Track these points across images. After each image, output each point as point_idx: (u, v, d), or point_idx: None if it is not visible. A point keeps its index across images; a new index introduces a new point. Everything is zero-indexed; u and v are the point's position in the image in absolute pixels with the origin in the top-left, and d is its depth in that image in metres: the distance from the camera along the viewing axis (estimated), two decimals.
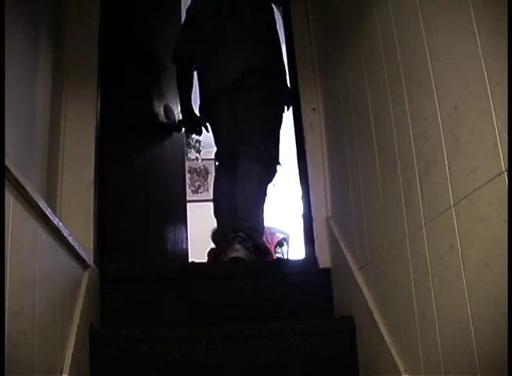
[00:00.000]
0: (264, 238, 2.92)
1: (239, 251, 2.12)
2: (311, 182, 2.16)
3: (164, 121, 2.82)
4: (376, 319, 1.50)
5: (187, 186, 3.42)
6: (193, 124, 2.76)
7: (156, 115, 2.78)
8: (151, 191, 2.62)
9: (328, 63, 2.12)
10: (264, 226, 2.42)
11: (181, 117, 2.87)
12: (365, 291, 1.62)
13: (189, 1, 2.86)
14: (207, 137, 2.99)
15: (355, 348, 1.69)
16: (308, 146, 2.20)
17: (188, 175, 5.66)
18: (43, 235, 1.21)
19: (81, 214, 1.98)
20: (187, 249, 2.83)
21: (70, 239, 1.41)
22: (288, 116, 2.49)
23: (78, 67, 2.15)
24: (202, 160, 6.15)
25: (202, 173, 6.56)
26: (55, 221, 1.27)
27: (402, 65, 1.30)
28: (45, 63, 1.90)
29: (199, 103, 2.61)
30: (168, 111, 2.85)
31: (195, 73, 2.69)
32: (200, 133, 2.85)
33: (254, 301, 1.96)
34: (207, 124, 2.70)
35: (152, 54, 2.84)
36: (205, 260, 3.68)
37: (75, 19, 2.20)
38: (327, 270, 2.03)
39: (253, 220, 2.24)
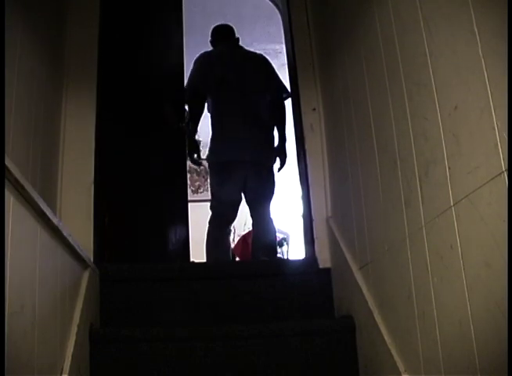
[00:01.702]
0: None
1: None
2: (311, 182, 2.16)
3: (165, 120, 2.82)
4: (376, 319, 1.50)
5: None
6: (196, 153, 3.08)
7: (157, 115, 2.77)
8: (151, 190, 2.61)
9: (328, 63, 2.12)
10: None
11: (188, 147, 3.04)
12: (365, 290, 1.62)
13: (190, 3, 2.90)
14: (207, 137, 3.00)
15: (355, 348, 1.69)
16: (308, 146, 2.20)
17: (188, 175, 5.65)
18: (43, 235, 1.21)
19: (81, 214, 1.98)
20: (188, 249, 2.83)
21: (70, 239, 1.41)
22: (288, 116, 2.50)
23: (78, 67, 2.15)
24: (202, 160, 6.14)
25: (202, 173, 6.55)
26: (55, 221, 1.27)
27: (402, 65, 1.30)
28: (45, 62, 1.90)
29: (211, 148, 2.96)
30: (169, 111, 2.85)
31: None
32: (198, 164, 3.25)
33: (254, 301, 1.96)
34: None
35: (152, 53, 2.83)
36: (205, 260, 3.67)
37: (75, 19, 2.20)
38: (327, 270, 2.03)
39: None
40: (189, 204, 2.99)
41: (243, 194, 2.95)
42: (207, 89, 2.95)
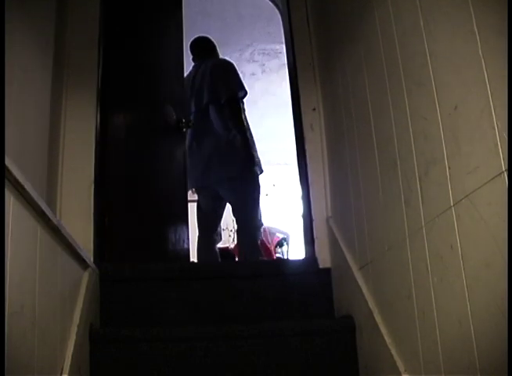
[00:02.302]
0: (264, 238, 3.12)
1: None
2: (311, 182, 2.16)
3: (165, 120, 2.82)
4: (376, 319, 1.50)
5: None
6: None
7: (157, 115, 2.78)
8: (151, 191, 2.61)
9: (328, 63, 2.12)
10: (260, 224, 3.12)
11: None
12: (365, 290, 1.62)
13: (190, 5, 2.94)
14: None
15: (355, 348, 1.69)
16: (308, 146, 2.20)
17: None
18: (43, 235, 1.21)
19: (81, 213, 1.98)
20: (188, 249, 2.83)
21: (70, 239, 1.41)
22: (288, 116, 2.51)
23: (78, 67, 2.15)
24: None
25: None
26: (55, 221, 1.27)
27: (402, 64, 1.30)
28: (45, 62, 1.90)
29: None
30: (169, 111, 2.85)
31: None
32: None
33: (254, 301, 1.96)
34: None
35: (152, 52, 2.83)
36: None
37: (75, 18, 2.20)
38: (327, 270, 2.03)
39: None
40: (189, 204, 2.99)
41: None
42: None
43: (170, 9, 3.02)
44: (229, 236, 6.80)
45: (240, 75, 3.23)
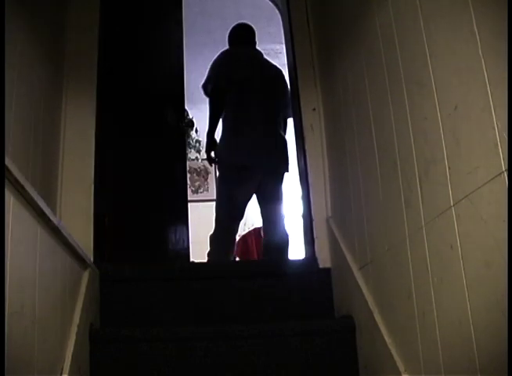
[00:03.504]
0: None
1: None
2: (311, 182, 2.16)
3: (165, 120, 2.82)
4: (376, 319, 1.50)
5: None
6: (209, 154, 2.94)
7: (157, 115, 2.77)
8: (151, 191, 2.61)
9: (328, 63, 2.12)
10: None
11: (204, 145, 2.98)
12: (365, 290, 1.62)
13: (190, 5, 2.92)
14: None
15: (355, 348, 1.69)
16: (308, 146, 2.20)
17: (188, 175, 5.64)
18: (43, 235, 1.21)
19: (81, 214, 1.98)
20: (188, 249, 2.83)
21: (69, 239, 1.41)
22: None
23: (78, 67, 2.15)
24: (202, 160, 6.13)
25: (202, 173, 6.55)
26: (55, 221, 1.27)
27: (402, 65, 1.30)
28: (46, 62, 1.90)
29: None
30: (169, 111, 2.85)
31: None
32: (214, 162, 3.00)
33: (254, 301, 1.96)
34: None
35: (152, 53, 2.83)
36: (205, 260, 3.67)
37: (75, 19, 2.20)
38: (327, 270, 2.03)
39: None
40: (189, 204, 2.99)
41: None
42: (231, 87, 2.82)
43: (170, 9, 3.02)
44: None
45: None
